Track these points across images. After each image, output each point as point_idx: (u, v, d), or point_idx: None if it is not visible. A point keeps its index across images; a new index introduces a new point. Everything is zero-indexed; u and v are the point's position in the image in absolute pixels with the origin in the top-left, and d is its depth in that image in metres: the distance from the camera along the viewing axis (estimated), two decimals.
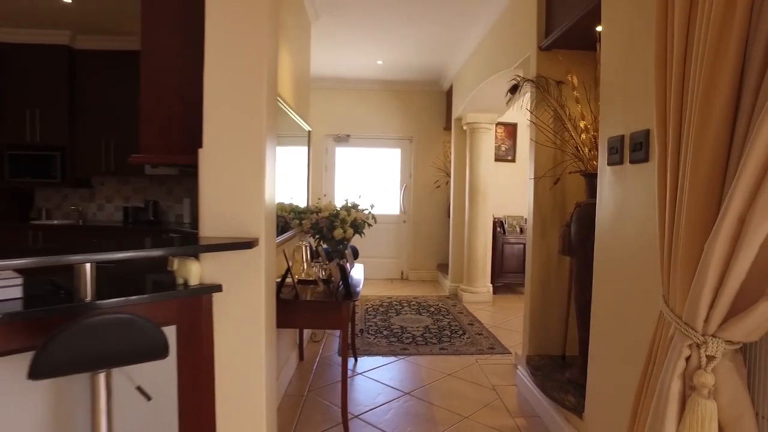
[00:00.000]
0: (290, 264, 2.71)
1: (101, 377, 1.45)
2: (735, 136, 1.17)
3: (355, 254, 4.35)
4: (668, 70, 1.37)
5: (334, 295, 2.66)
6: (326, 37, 4.96)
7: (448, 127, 6.67)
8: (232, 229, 1.95)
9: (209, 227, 1.96)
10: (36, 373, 1.27)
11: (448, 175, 6.52)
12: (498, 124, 6.12)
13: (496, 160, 6.32)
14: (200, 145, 1.96)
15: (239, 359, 1.97)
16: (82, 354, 1.32)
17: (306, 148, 4.50)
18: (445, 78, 6.57)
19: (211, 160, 1.96)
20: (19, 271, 1.67)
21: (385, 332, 4.41)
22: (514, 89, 2.78)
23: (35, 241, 4.94)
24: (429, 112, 7.09)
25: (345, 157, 7.25)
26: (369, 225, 3.91)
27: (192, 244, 1.87)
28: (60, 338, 1.26)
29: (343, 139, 7.16)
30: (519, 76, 2.87)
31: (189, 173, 5.11)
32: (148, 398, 1.58)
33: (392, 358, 3.75)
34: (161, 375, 1.79)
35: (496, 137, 6.30)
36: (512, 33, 3.73)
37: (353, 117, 7.08)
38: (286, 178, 3.75)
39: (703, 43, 1.19)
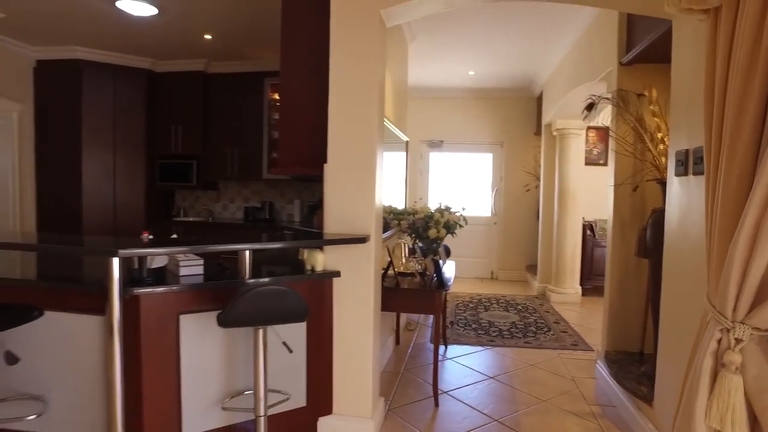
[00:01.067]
0: (392, 258, 3.19)
1: (260, 332, 2.02)
2: (759, 158, 1.44)
3: (447, 253, 4.76)
4: (712, 102, 1.64)
5: (428, 285, 3.11)
6: (421, 53, 5.41)
7: (538, 132, 6.84)
8: (349, 227, 2.47)
9: (331, 225, 2.50)
10: (224, 323, 1.86)
11: (538, 179, 6.70)
12: (590, 128, 6.20)
13: (587, 163, 6.39)
14: (325, 160, 2.50)
15: (352, 329, 2.48)
16: (251, 313, 1.89)
17: (404, 156, 5.00)
18: (535, 84, 6.76)
19: (333, 172, 2.50)
20: (199, 255, 2.31)
21: (473, 325, 4.78)
22: (590, 107, 3.04)
23: (179, 234, 5.92)
24: (520, 118, 7.30)
25: (439, 161, 7.68)
26: (460, 226, 4.33)
27: (318, 239, 2.42)
28: (241, 300, 1.84)
29: (436, 145, 7.59)
30: (594, 95, 3.12)
31: (300, 178, 5.83)
32: (290, 351, 2.14)
33: (479, 348, 4.12)
34: (296, 337, 2.35)
35: (587, 141, 6.38)
36: (595, 48, 3.94)
37: (446, 123, 7.49)
38: (387, 184, 4.25)
39: (733, 87, 1.47)
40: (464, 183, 7.62)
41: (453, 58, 5.68)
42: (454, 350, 4.07)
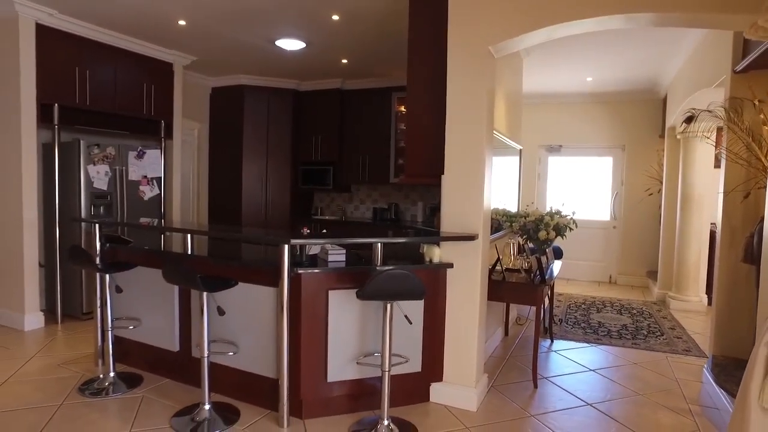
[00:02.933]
0: (500, 255, 3.63)
1: (388, 306, 2.63)
2: None
3: (559, 254, 5.03)
4: None
5: (532, 280, 3.50)
6: (537, 65, 5.69)
7: (663, 135, 6.67)
8: (460, 227, 2.99)
9: (447, 225, 3.04)
10: (361, 296, 2.50)
11: (661, 182, 6.55)
12: (720, 129, 5.95)
13: (717, 166, 6.11)
14: (442, 172, 3.05)
15: (461, 311, 3.00)
16: (382, 289, 2.50)
17: (517, 163, 5.36)
18: (659, 86, 6.61)
19: (448, 181, 3.03)
20: (341, 245, 2.99)
21: (582, 325, 4.98)
22: (689, 120, 3.18)
23: (318, 230, 6.89)
24: (643, 120, 7.15)
25: (557, 165, 7.81)
26: (570, 229, 4.59)
27: (436, 236, 2.97)
28: (374, 280, 2.45)
29: (555, 149, 7.73)
30: (694, 109, 3.24)
31: (422, 183, 6.44)
32: (410, 322, 2.72)
33: (584, 344, 4.36)
34: (414, 313, 2.92)
35: (717, 145, 6.10)
36: (711, 54, 3.97)
37: (565, 128, 7.59)
38: (500, 188, 4.66)
39: None
40: (583, 187, 7.65)
41: (569, 67, 5.86)
42: (559, 344, 4.36)
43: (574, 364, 3.87)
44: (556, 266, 4.42)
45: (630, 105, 7.21)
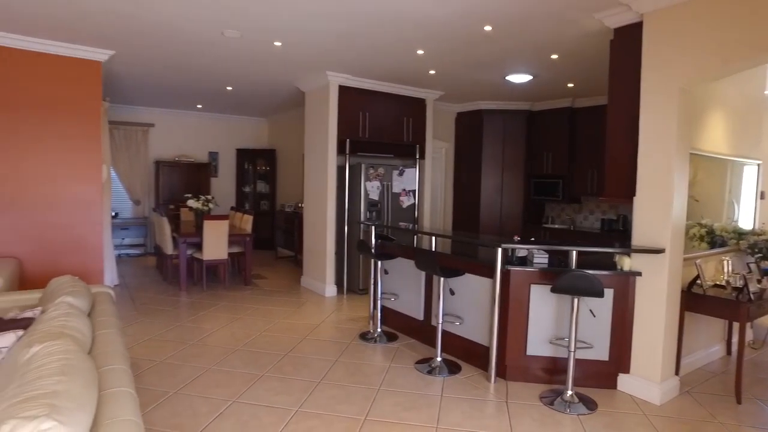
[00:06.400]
0: (699, 270, 3.82)
1: (575, 300, 3.32)
2: None
3: None
4: None
5: (737, 297, 3.62)
6: None
7: None
8: (649, 241, 3.44)
9: (637, 239, 3.53)
10: (554, 290, 3.28)
11: None
12: None
13: None
14: (633, 194, 3.54)
15: (648, 314, 3.45)
16: (568, 286, 3.23)
17: (755, 178, 5.09)
18: None
19: (639, 202, 3.51)
20: (546, 250, 3.77)
21: None
22: None
23: (545, 237, 7.55)
24: None
25: None
26: None
27: (627, 248, 3.50)
28: (563, 278, 3.21)
29: None
30: None
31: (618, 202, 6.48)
32: (594, 315, 3.36)
33: None
34: (603, 309, 3.51)
35: None
36: None
37: None
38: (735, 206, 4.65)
39: None
40: None
41: None
42: None
43: None
44: None
45: None
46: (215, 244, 6.35)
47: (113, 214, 7.72)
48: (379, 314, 4.81)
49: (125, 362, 2.12)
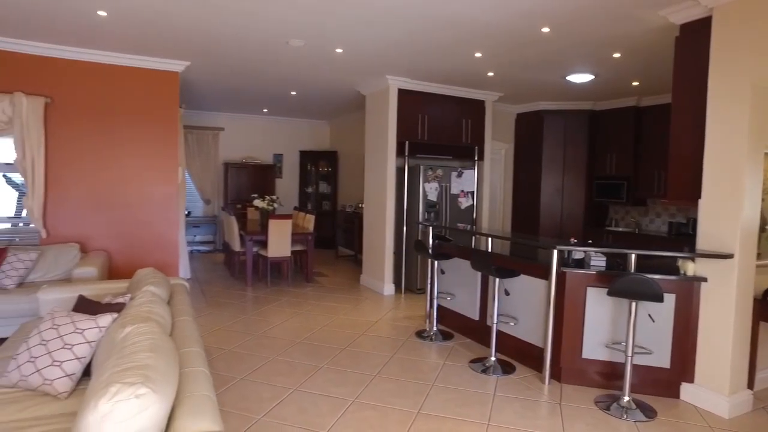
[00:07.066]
0: None
1: (633, 304, 3.27)
2: None
3: None
4: None
5: None
6: None
7: None
8: (717, 246, 3.31)
9: (702, 243, 3.41)
10: (610, 293, 3.24)
11: None
12: None
13: None
14: (698, 196, 3.42)
15: (715, 322, 3.32)
16: (625, 289, 3.18)
17: None
18: None
19: (705, 205, 3.39)
20: (603, 253, 3.71)
21: None
22: None
23: (607, 240, 7.33)
24: None
25: None
26: None
27: (690, 252, 3.39)
28: (619, 281, 3.17)
29: None
30: None
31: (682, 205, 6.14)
32: (653, 321, 3.28)
33: None
34: (664, 314, 3.42)
35: None
36: None
37: None
38: None
39: None
40: None
41: None
42: None
43: None
44: None
45: None
46: (279, 242, 6.67)
47: (186, 212, 8.27)
48: (435, 313, 4.90)
49: (200, 346, 2.35)
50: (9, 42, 4.80)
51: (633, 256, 3.49)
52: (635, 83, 6.15)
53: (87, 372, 2.40)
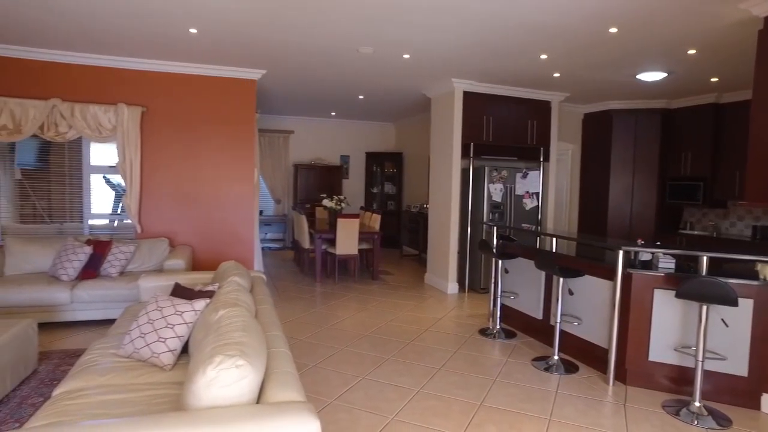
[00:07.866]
0: None
1: (704, 307, 3.20)
2: None
3: None
4: None
5: None
6: None
7: None
8: None
9: None
10: (678, 295, 3.20)
11: None
12: None
13: None
14: None
15: None
16: (694, 292, 3.13)
17: None
18: None
19: None
20: (673, 255, 3.65)
21: None
22: None
23: (680, 243, 7.03)
24: None
25: None
26: None
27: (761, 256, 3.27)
28: (688, 284, 3.12)
29: None
30: None
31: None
32: (726, 325, 3.19)
33: None
34: (740, 319, 3.32)
35: None
36: None
37: None
38: None
39: None
40: None
41: None
42: None
43: None
44: None
45: None
46: (347, 241, 6.96)
47: (259, 211, 8.78)
48: (498, 312, 4.97)
49: (281, 330, 2.60)
50: (116, 60, 5.41)
51: (705, 258, 3.41)
52: (714, 79, 5.89)
53: (184, 350, 2.73)
